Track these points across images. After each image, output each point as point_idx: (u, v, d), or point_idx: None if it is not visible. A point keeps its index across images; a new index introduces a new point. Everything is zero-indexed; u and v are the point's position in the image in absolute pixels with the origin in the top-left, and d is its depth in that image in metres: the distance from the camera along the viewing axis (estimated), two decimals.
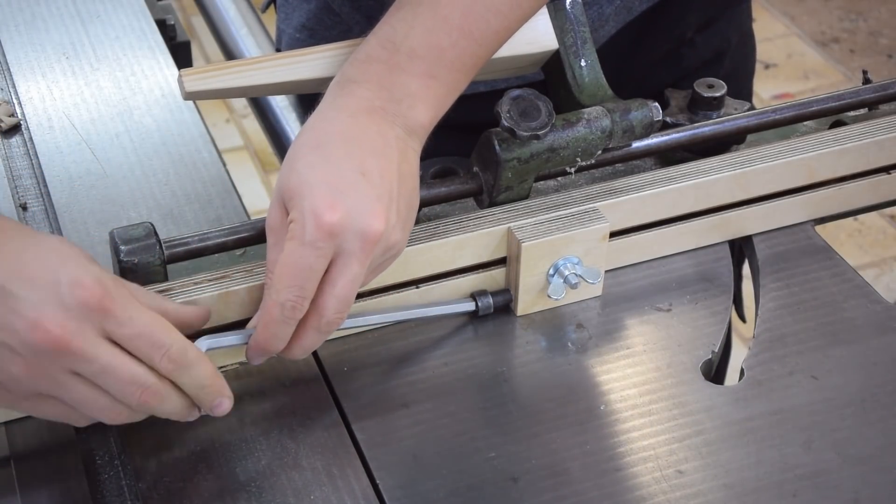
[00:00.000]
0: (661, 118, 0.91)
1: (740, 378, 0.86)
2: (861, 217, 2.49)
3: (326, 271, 0.76)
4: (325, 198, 0.75)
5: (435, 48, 0.82)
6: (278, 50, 1.28)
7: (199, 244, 0.85)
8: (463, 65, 0.83)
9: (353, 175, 0.77)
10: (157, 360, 0.72)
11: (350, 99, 0.81)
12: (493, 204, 0.90)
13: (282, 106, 1.37)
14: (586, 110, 0.90)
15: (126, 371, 0.71)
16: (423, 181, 0.92)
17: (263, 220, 0.86)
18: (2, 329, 0.69)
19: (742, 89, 1.24)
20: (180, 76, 0.86)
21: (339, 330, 0.83)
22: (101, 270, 0.72)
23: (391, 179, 0.78)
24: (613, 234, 0.92)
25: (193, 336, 0.78)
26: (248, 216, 0.98)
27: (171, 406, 0.74)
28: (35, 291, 0.68)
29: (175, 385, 0.74)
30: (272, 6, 1.27)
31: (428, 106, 0.82)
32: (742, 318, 0.98)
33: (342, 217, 0.75)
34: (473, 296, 0.89)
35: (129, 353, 0.71)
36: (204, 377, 0.74)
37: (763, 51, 3.04)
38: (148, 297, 0.76)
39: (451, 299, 0.89)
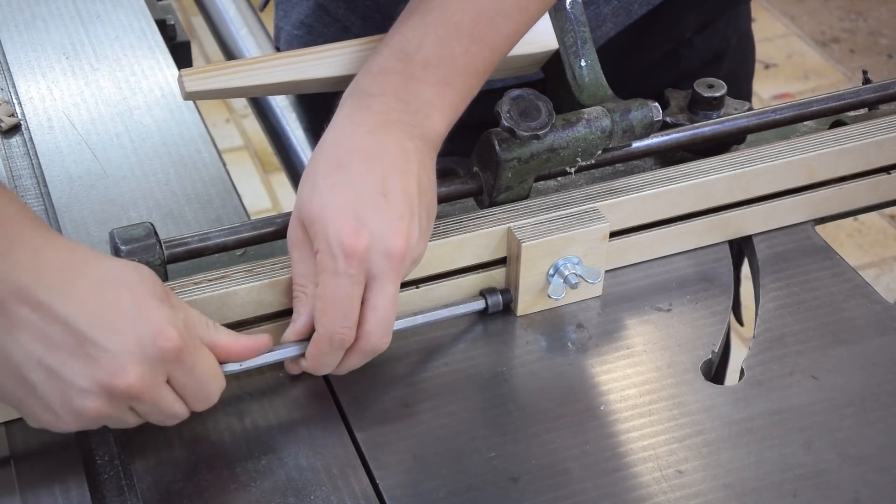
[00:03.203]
0: (661, 118, 0.91)
1: (740, 378, 0.86)
2: (861, 217, 2.49)
3: (364, 297, 0.78)
4: (349, 225, 0.77)
5: (448, 56, 0.83)
6: (277, 48, 1.28)
7: (199, 244, 0.85)
8: (476, 70, 0.84)
9: (375, 196, 0.78)
10: (197, 404, 0.76)
11: (367, 114, 0.82)
12: (493, 204, 0.90)
13: (282, 106, 1.37)
14: (586, 110, 0.90)
15: (172, 409, 0.75)
16: None
17: (263, 220, 0.87)
18: (80, 374, 0.70)
19: (742, 90, 1.24)
20: (180, 76, 0.86)
21: None
22: (176, 314, 0.73)
23: (412, 195, 0.79)
24: (613, 234, 0.92)
25: None
26: (248, 216, 0.98)
27: None
28: (117, 342, 0.70)
29: None
30: (270, 4, 1.27)
31: (443, 114, 0.83)
32: (742, 318, 0.98)
33: (368, 242, 0.77)
34: (483, 293, 0.90)
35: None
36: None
37: (763, 51, 3.04)
38: (206, 330, 0.77)
39: (459, 299, 0.89)
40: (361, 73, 0.84)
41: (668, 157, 1.00)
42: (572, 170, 0.92)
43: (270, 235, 0.87)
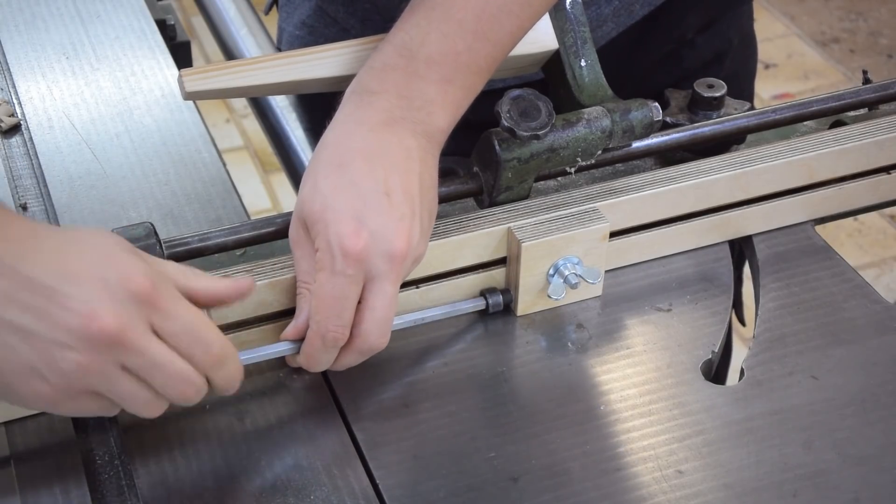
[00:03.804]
0: (661, 118, 0.91)
1: (740, 378, 0.86)
2: (861, 217, 2.49)
3: (363, 297, 0.78)
4: (349, 225, 0.77)
5: (451, 53, 0.83)
6: (279, 49, 1.28)
7: (199, 244, 0.85)
8: (479, 68, 0.84)
9: (376, 196, 0.78)
10: (199, 355, 0.72)
11: (369, 111, 0.81)
12: (493, 204, 0.90)
13: (282, 106, 1.37)
14: (586, 110, 0.90)
15: (173, 366, 0.71)
16: None
17: (263, 219, 0.87)
18: (54, 326, 0.68)
19: (743, 90, 1.24)
20: (180, 76, 0.86)
21: None
22: (144, 262, 0.71)
23: (413, 195, 0.79)
24: (613, 234, 0.92)
25: None
26: (248, 216, 0.98)
27: (200, 397, 0.74)
28: (84, 287, 0.68)
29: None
30: (274, 7, 1.27)
31: (446, 111, 0.83)
32: (742, 318, 0.98)
33: (367, 243, 0.77)
34: (483, 293, 0.90)
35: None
36: (236, 372, 0.76)
37: (763, 51, 3.03)
38: (183, 278, 0.74)
39: (459, 298, 0.89)
40: (364, 70, 0.84)
41: (668, 157, 1.00)
42: (572, 170, 0.92)
43: (270, 235, 0.87)
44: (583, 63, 0.93)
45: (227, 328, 0.83)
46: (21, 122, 1.08)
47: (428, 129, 0.82)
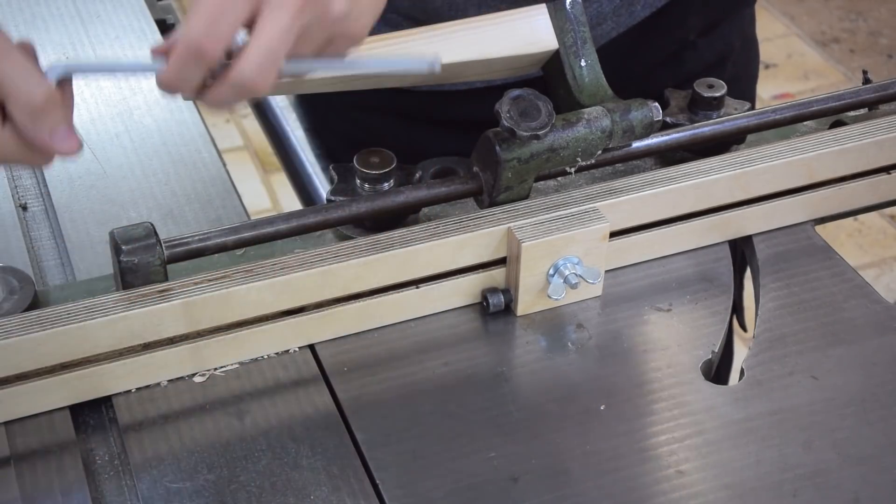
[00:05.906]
0: (661, 118, 0.91)
1: (740, 378, 0.86)
2: (861, 217, 2.48)
3: (253, 24, 0.70)
4: None
5: None
6: None
7: (199, 244, 0.85)
8: None
9: None
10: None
11: None
12: (493, 204, 0.90)
13: (282, 106, 1.37)
14: (586, 110, 0.90)
15: None
16: (424, 181, 0.92)
17: (263, 219, 0.87)
18: None
19: (745, 94, 1.24)
20: None
21: (286, 80, 0.75)
22: None
23: None
24: (613, 234, 0.92)
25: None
26: (248, 216, 0.98)
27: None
28: None
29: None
30: None
31: None
32: (742, 318, 0.98)
33: None
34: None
35: None
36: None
37: (763, 51, 3.03)
38: None
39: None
40: None
41: (668, 157, 1.00)
42: (572, 170, 0.92)
43: (270, 235, 0.87)
44: (583, 63, 0.93)
45: (227, 328, 0.83)
46: None
47: None
